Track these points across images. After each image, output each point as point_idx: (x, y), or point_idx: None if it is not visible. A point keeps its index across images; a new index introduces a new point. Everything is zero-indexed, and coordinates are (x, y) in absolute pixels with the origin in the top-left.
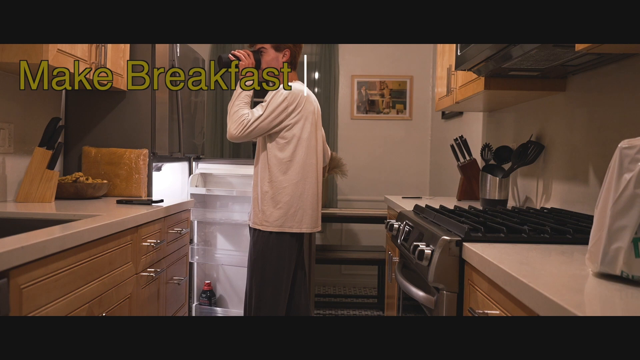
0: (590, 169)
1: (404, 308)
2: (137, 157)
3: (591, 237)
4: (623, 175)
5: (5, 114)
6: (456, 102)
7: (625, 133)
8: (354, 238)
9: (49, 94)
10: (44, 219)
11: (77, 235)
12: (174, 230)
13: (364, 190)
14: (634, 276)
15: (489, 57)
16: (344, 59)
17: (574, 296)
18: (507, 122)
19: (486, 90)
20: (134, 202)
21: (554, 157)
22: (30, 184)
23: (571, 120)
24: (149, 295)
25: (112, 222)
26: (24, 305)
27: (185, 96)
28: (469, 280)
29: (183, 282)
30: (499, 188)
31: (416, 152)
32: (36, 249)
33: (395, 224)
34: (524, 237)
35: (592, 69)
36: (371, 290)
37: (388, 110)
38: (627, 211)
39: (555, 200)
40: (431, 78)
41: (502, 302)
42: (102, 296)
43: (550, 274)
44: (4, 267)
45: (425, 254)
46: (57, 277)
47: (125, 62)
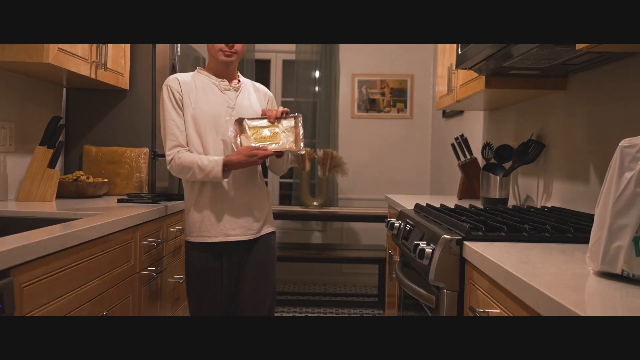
0: (591, 167)
1: (405, 307)
2: (137, 156)
3: (592, 236)
4: (624, 174)
5: (6, 113)
6: (457, 100)
7: (626, 132)
8: (354, 237)
9: (50, 93)
10: (45, 217)
11: (78, 234)
12: (175, 229)
13: (365, 189)
14: (634, 275)
15: (490, 56)
16: (344, 58)
17: (575, 295)
18: (508, 121)
19: (487, 89)
20: (134, 201)
21: (554, 155)
22: (31, 183)
23: (572, 119)
24: (150, 294)
25: (113, 221)
26: (25, 304)
27: None
28: (470, 279)
29: (184, 281)
30: (499, 187)
31: (417, 150)
32: (37, 248)
33: (396, 223)
34: (524, 236)
35: (593, 68)
36: (372, 289)
37: (389, 109)
38: (627, 210)
39: (556, 199)
40: (432, 77)
41: (503, 300)
42: (102, 295)
43: (550, 272)
44: (5, 265)
45: (426, 252)
46: (58, 275)
47: (125, 61)
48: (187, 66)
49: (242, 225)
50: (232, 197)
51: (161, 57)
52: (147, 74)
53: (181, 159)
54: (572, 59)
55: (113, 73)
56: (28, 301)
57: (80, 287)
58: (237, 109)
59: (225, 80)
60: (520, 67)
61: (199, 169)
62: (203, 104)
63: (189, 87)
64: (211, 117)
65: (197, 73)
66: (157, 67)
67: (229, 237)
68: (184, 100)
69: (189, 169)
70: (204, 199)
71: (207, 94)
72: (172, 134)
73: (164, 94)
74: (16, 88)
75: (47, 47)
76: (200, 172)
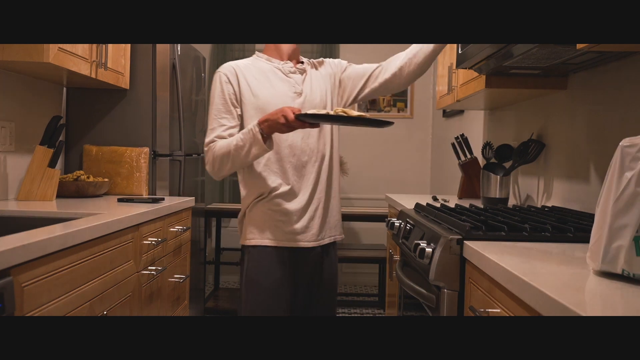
0: (591, 167)
1: (405, 306)
2: (138, 156)
3: (592, 235)
4: (624, 174)
5: (6, 113)
6: (457, 100)
7: (627, 131)
8: (354, 236)
9: (50, 93)
10: (45, 217)
11: (78, 233)
12: (175, 229)
13: (365, 188)
14: (634, 274)
15: (490, 56)
16: (344, 58)
17: (575, 294)
18: (508, 121)
19: (487, 88)
20: (135, 200)
21: (555, 155)
22: (32, 183)
23: (572, 119)
24: (150, 294)
25: (113, 221)
26: (25, 304)
27: (186, 94)
28: (470, 278)
29: (184, 280)
30: (499, 186)
31: (417, 150)
32: (37, 248)
33: (396, 222)
34: (525, 236)
35: (594, 67)
36: (372, 289)
37: (389, 108)
38: (628, 210)
39: (556, 199)
40: (432, 76)
41: (503, 300)
42: (103, 294)
43: (551, 272)
44: (5, 265)
45: (426, 252)
46: (58, 275)
47: (126, 61)
48: (187, 66)
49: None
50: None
51: (161, 57)
52: (147, 73)
53: (215, 148)
54: (572, 59)
55: (113, 72)
56: (28, 301)
57: (81, 287)
58: (305, 94)
59: (289, 62)
60: (520, 67)
61: (236, 149)
62: (266, 91)
63: (248, 75)
64: (276, 106)
65: (256, 58)
66: (157, 67)
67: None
68: (241, 90)
69: (226, 156)
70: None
71: (270, 80)
72: (212, 129)
73: (215, 84)
74: (16, 88)
75: (47, 46)
76: (238, 152)
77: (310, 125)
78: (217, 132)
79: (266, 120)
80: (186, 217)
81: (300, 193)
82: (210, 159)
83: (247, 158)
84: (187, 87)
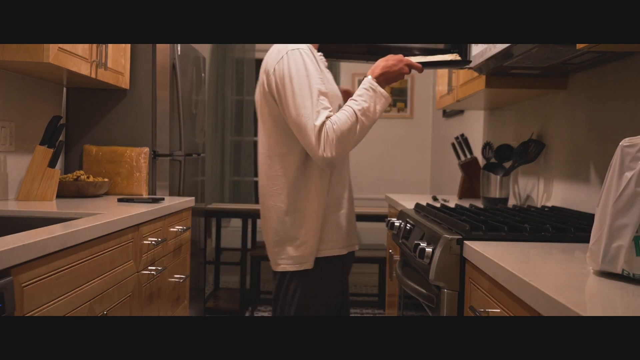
0: (591, 167)
1: (405, 306)
2: (138, 156)
3: (592, 235)
4: (624, 174)
5: (6, 113)
6: (457, 100)
7: (627, 131)
8: None
9: (50, 93)
10: (45, 217)
11: (78, 233)
12: (175, 229)
13: (365, 188)
14: (634, 274)
15: (490, 56)
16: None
17: (575, 294)
18: (508, 121)
19: (487, 88)
20: (135, 200)
21: (554, 155)
22: (32, 183)
23: (572, 119)
24: (150, 294)
25: (113, 221)
26: (25, 304)
27: (186, 94)
28: (470, 278)
29: (184, 280)
30: (499, 186)
31: (417, 150)
32: (37, 248)
33: (396, 222)
34: (525, 236)
35: (594, 67)
36: (372, 289)
37: (389, 108)
38: (628, 209)
39: (556, 199)
40: (432, 76)
41: (503, 300)
42: (103, 294)
43: (551, 272)
44: (5, 265)
45: (426, 252)
46: (58, 275)
47: (126, 61)
48: (187, 66)
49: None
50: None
51: (161, 57)
52: (147, 73)
53: (336, 125)
54: (572, 59)
55: (113, 72)
56: (28, 301)
57: (81, 287)
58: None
59: (323, 56)
60: (520, 67)
61: (363, 113)
62: (330, 83)
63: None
64: (337, 98)
65: (306, 44)
66: (157, 67)
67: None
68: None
69: (354, 125)
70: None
71: (327, 73)
72: (316, 109)
73: (303, 57)
74: (16, 88)
75: (47, 46)
76: (366, 115)
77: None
78: (326, 112)
79: (383, 74)
80: (186, 217)
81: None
82: (332, 138)
83: (374, 118)
84: (187, 87)
